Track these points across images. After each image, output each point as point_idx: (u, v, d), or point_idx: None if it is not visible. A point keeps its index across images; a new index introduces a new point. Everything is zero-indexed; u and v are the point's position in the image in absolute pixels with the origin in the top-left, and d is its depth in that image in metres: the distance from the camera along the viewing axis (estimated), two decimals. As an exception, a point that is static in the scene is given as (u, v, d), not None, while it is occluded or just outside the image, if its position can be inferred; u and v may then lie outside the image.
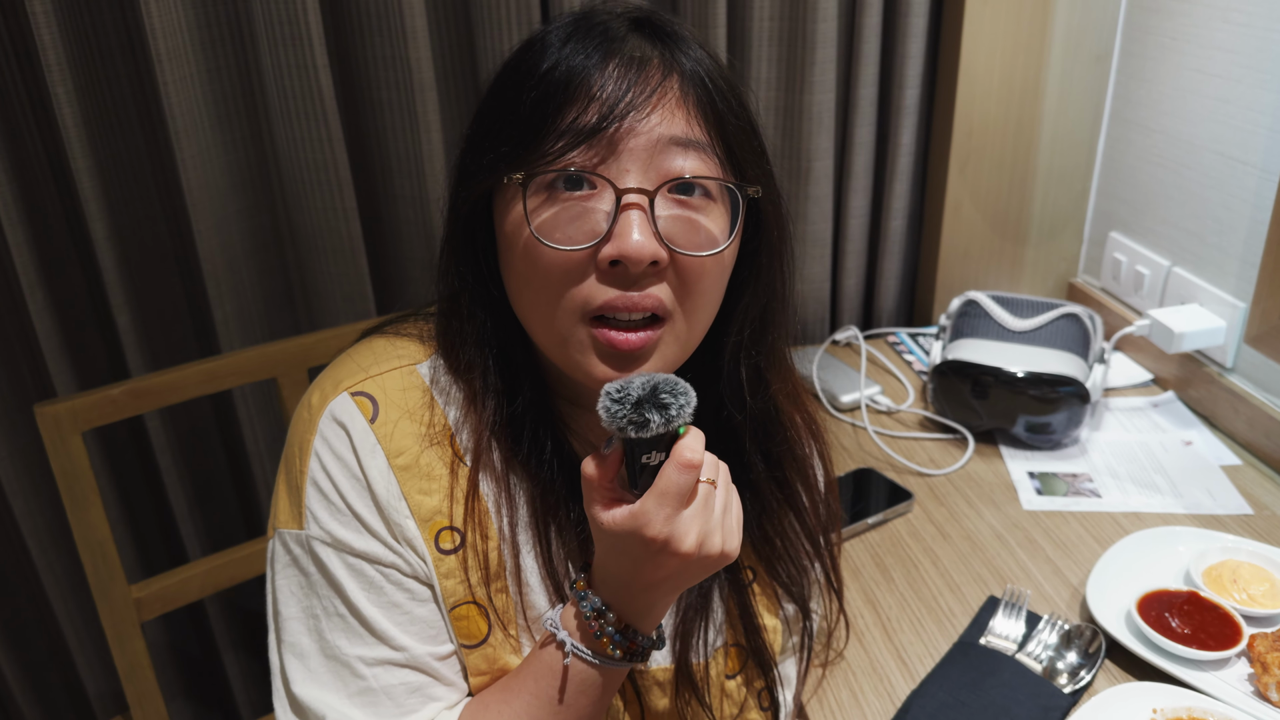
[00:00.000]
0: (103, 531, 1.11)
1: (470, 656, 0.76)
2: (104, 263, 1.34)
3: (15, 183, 1.28)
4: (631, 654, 0.71)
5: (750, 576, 0.89)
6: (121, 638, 1.14)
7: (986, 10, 1.41)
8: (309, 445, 0.75)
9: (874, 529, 1.15)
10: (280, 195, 1.42)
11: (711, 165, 0.71)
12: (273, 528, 0.78)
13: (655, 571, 0.67)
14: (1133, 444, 1.29)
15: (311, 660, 0.74)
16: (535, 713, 0.71)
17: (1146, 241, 1.45)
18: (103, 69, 1.28)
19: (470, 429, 0.77)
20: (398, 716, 0.73)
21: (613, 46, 0.71)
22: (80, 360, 1.41)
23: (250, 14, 1.29)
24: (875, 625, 1.01)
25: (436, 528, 0.75)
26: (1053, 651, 0.95)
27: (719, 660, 0.87)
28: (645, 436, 0.64)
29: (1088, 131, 1.52)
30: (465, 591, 0.76)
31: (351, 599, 0.73)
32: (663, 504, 0.65)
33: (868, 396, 1.39)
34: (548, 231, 0.69)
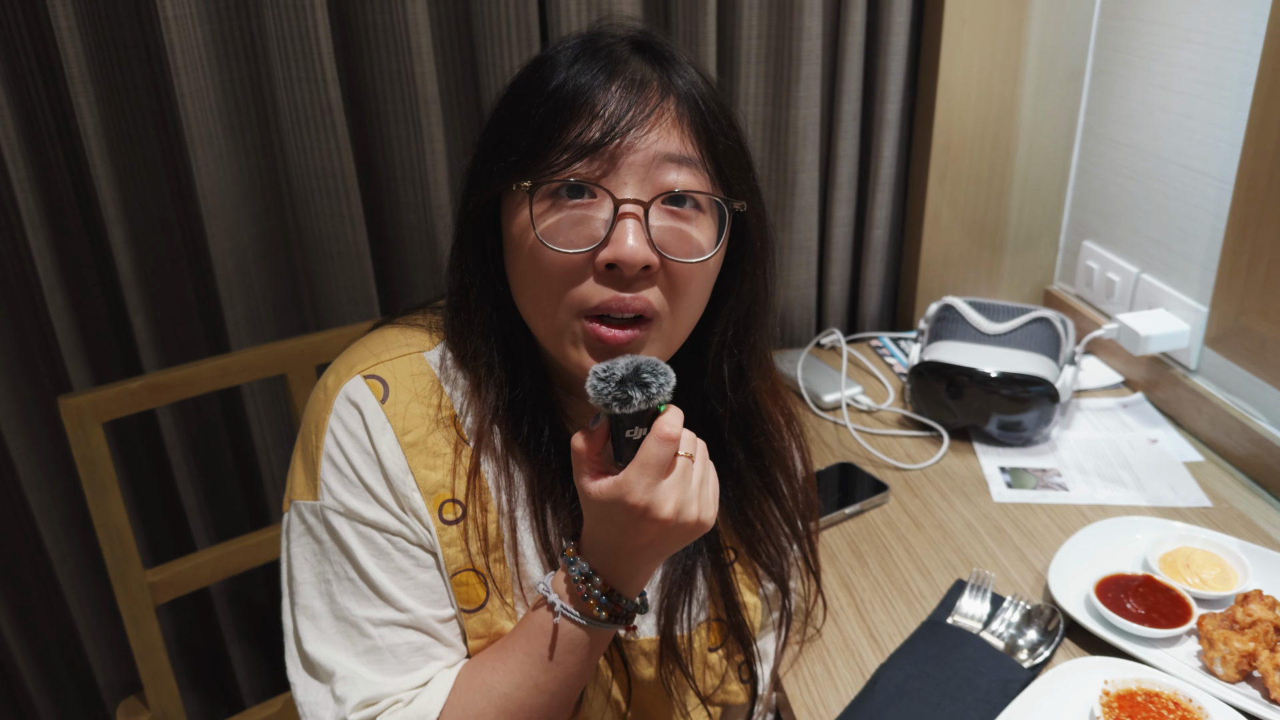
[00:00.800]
0: (120, 517, 1.16)
1: (469, 621, 0.82)
2: (121, 265, 1.40)
3: (38, 188, 1.34)
4: (616, 616, 0.77)
5: (732, 557, 0.95)
6: (136, 619, 1.20)
7: (964, 30, 1.48)
8: (325, 423, 0.81)
9: (851, 519, 1.21)
10: (290, 201, 1.48)
11: (702, 180, 0.78)
12: (289, 500, 0.83)
13: (638, 537, 0.73)
14: (1101, 441, 1.35)
15: (323, 621, 0.80)
16: (527, 669, 0.77)
17: (1117, 250, 1.52)
18: (122, 81, 1.35)
19: (474, 412, 0.83)
20: (401, 673, 0.79)
21: (616, 68, 0.77)
22: (96, 359, 1.48)
23: (263, 30, 1.36)
24: (849, 606, 1.07)
25: (440, 500, 0.81)
26: (1014, 629, 1.01)
27: (702, 634, 0.93)
28: (628, 412, 0.70)
29: (1062, 145, 1.59)
30: (465, 560, 0.82)
31: (361, 564, 0.79)
32: (643, 474, 0.71)
33: (849, 396, 1.45)
34: (551, 235, 0.76)
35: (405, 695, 0.78)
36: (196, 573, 1.24)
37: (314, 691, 0.79)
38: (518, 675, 0.77)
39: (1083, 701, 0.90)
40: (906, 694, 0.93)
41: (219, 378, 1.25)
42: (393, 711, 0.77)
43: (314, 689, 0.79)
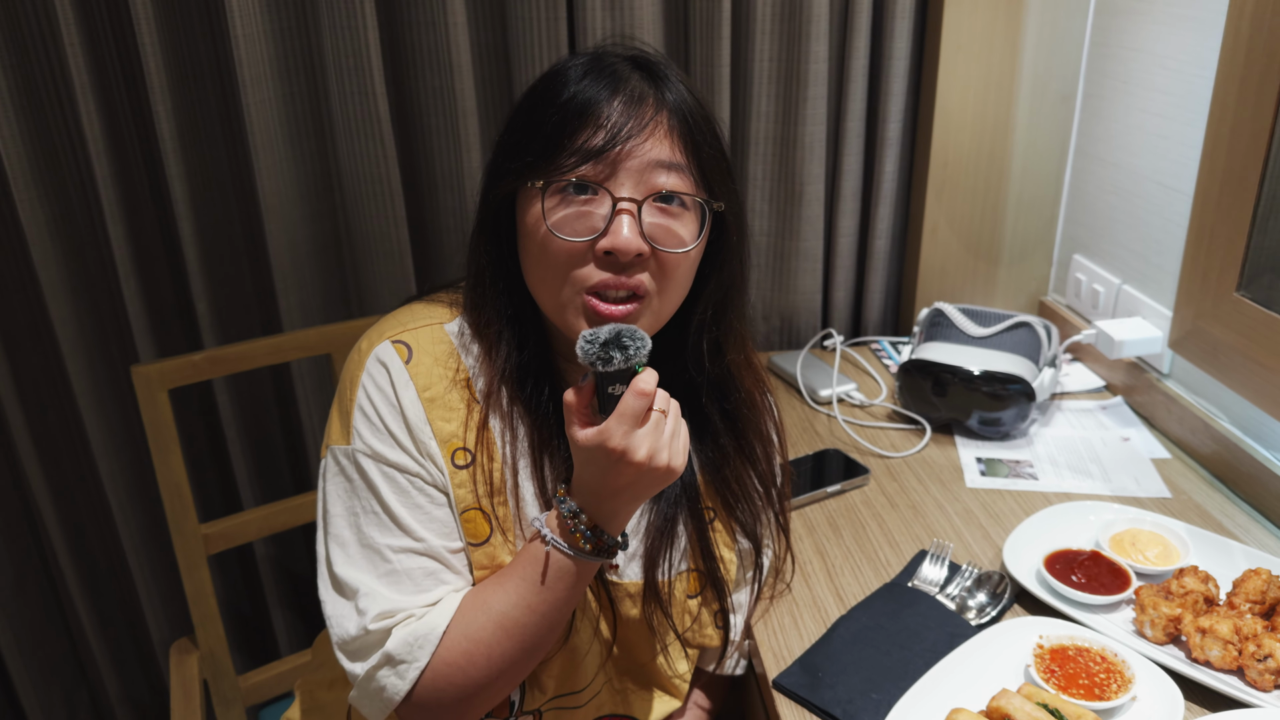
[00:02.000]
0: (180, 475, 1.32)
1: (475, 553, 0.95)
2: (188, 256, 1.56)
3: (118, 186, 1.51)
4: (599, 550, 0.89)
5: (711, 515, 1.07)
6: (191, 567, 1.35)
7: (960, 55, 1.59)
8: (358, 379, 0.96)
9: (832, 498, 1.32)
10: (341, 204, 1.63)
11: (688, 183, 0.92)
12: (326, 446, 0.97)
13: (617, 479, 0.85)
14: (1075, 439, 1.45)
15: (350, 548, 0.93)
16: (522, 591, 0.89)
17: (1103, 262, 1.61)
18: (196, 92, 1.51)
19: (484, 374, 0.97)
20: (415, 593, 0.91)
21: (618, 84, 0.91)
22: (163, 340, 1.64)
23: (321, 48, 1.51)
24: (820, 570, 1.18)
25: (453, 447, 0.95)
26: (965, 592, 1.11)
27: (683, 582, 1.05)
28: (609, 370, 0.83)
29: (1055, 164, 1.69)
30: (473, 499, 0.95)
31: (384, 499, 0.92)
32: (621, 423, 0.84)
33: (843, 392, 1.56)
34: (559, 226, 0.90)
35: (418, 611, 0.90)
36: (244, 528, 1.39)
37: (341, 606, 0.92)
38: (514, 596, 0.90)
39: (1018, 653, 1.01)
40: (860, 641, 1.04)
41: (271, 354, 1.40)
42: (406, 624, 0.89)
43: (341, 604, 0.92)
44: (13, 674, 1.72)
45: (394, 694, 0.89)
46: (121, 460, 1.67)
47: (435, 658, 0.88)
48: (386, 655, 0.88)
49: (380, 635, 0.89)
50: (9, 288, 1.56)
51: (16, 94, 1.43)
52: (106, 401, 1.64)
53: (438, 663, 0.88)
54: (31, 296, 1.56)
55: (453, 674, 0.89)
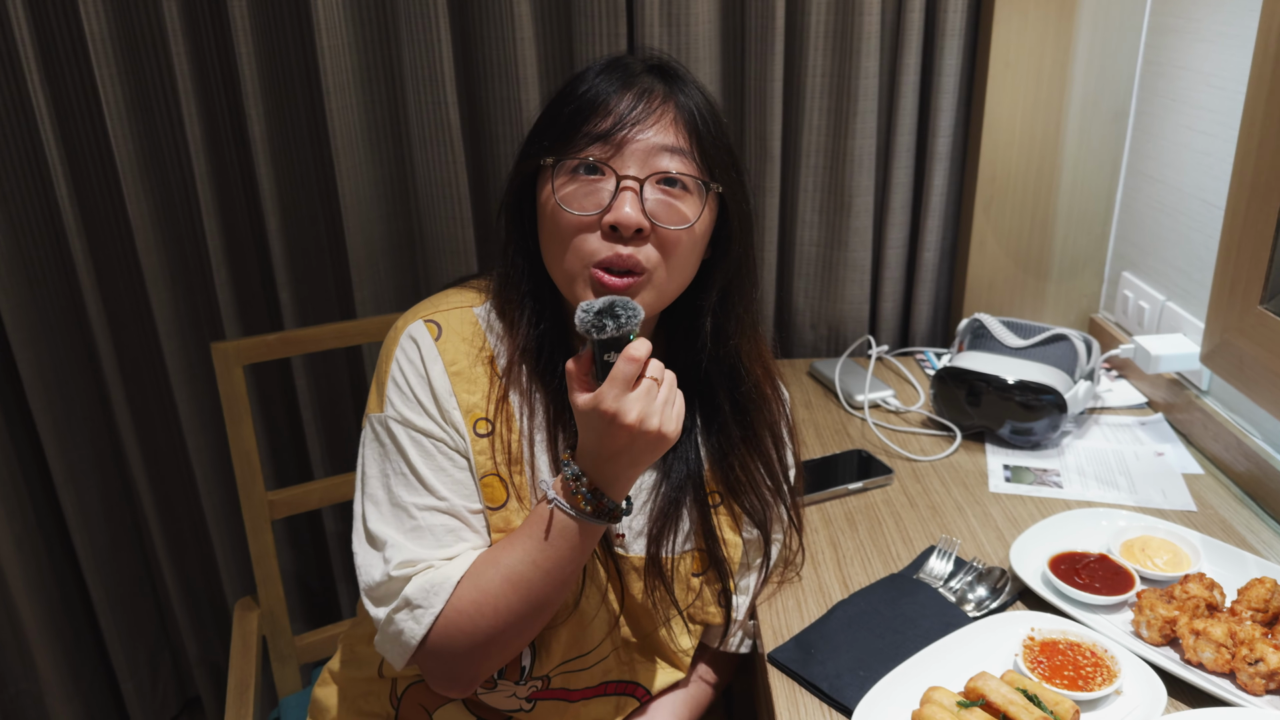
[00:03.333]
0: (250, 444, 1.44)
1: (492, 517, 1.03)
2: (274, 250, 1.70)
3: (214, 183, 1.66)
4: (600, 512, 0.96)
5: (716, 500, 1.13)
6: (256, 530, 1.47)
7: (1008, 73, 1.62)
8: (392, 353, 1.06)
9: (854, 495, 1.36)
10: (414, 206, 1.74)
11: (689, 166, 0.99)
12: (366, 415, 1.07)
13: (612, 442, 0.91)
14: (1108, 451, 1.45)
15: (382, 506, 1.02)
16: (528, 547, 0.97)
17: (1149, 279, 1.61)
18: (286, 98, 1.65)
19: (505, 353, 1.05)
20: (436, 548, 1.00)
21: (630, 80, 1.01)
22: (249, 327, 1.78)
23: (400, 60, 1.63)
24: (831, 560, 1.22)
25: (475, 417, 1.03)
26: (967, 586, 1.14)
27: (687, 560, 1.11)
28: (603, 338, 0.90)
29: (1106, 181, 1.69)
30: (492, 466, 1.03)
31: (412, 461, 1.01)
32: (613, 386, 0.90)
33: (879, 398, 1.60)
34: (567, 201, 0.98)
35: (437, 563, 0.99)
36: (307, 496, 1.50)
37: (370, 556, 1.01)
38: (520, 553, 0.97)
39: (1008, 642, 1.03)
40: (855, 624, 1.08)
41: (337, 338, 1.51)
42: (425, 574, 0.98)
43: (370, 554, 1.02)
44: (104, 630, 1.87)
45: (411, 638, 0.97)
46: (207, 435, 1.81)
47: (448, 605, 0.96)
48: (405, 599, 0.97)
49: (401, 581, 0.98)
50: (115, 273, 1.72)
51: (129, 98, 1.59)
52: (198, 380, 1.78)
53: (450, 610, 0.96)
54: (135, 282, 1.72)
55: (463, 621, 0.96)
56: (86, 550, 1.82)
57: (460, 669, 1.00)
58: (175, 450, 1.86)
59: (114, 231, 1.70)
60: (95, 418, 1.80)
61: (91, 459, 1.81)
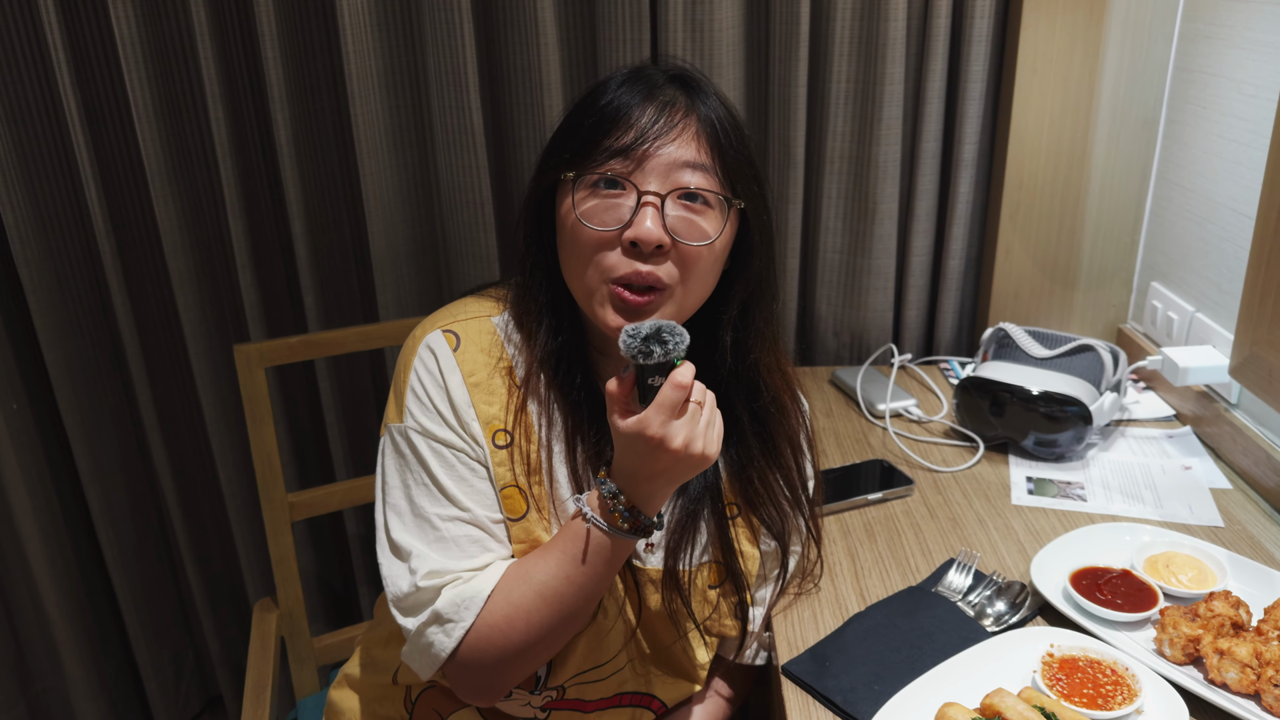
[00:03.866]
0: (271, 445, 1.45)
1: (513, 528, 1.03)
2: (299, 253, 1.71)
3: (240, 185, 1.67)
4: (636, 529, 0.95)
5: (734, 512, 1.12)
6: (276, 531, 1.47)
7: (1035, 80, 1.60)
8: (410, 364, 1.05)
9: (873, 505, 1.35)
10: (438, 210, 1.75)
11: (711, 181, 0.99)
12: (385, 425, 1.07)
13: (654, 464, 0.92)
14: (1134, 464, 1.43)
15: (405, 516, 1.02)
16: (563, 564, 0.96)
17: (1179, 290, 1.59)
18: (311, 102, 1.66)
19: (524, 363, 1.05)
20: (461, 559, 1.00)
21: (653, 92, 1.00)
22: (274, 329, 1.79)
23: (424, 64, 1.64)
24: (848, 571, 1.21)
25: (494, 428, 1.03)
26: (985, 600, 1.13)
27: (704, 573, 1.10)
28: (649, 364, 0.90)
29: (1135, 190, 1.67)
30: (511, 478, 1.03)
31: (433, 472, 1.01)
32: (659, 412, 0.90)
33: (901, 407, 1.58)
34: (588, 216, 0.97)
35: (465, 575, 0.99)
36: (328, 498, 1.51)
37: (395, 567, 1.01)
38: (554, 568, 0.97)
39: (1026, 659, 1.02)
40: (871, 637, 1.07)
41: (360, 341, 1.52)
42: (454, 585, 0.98)
43: (396, 565, 1.01)
44: (129, 629, 1.89)
45: (441, 650, 0.97)
46: (232, 436, 1.83)
47: (479, 619, 0.96)
48: (435, 613, 0.97)
49: (430, 593, 0.97)
50: (143, 275, 1.74)
51: (157, 102, 1.61)
52: (222, 382, 1.80)
53: (481, 624, 0.96)
54: (162, 283, 1.74)
55: (494, 635, 0.96)
56: (113, 549, 1.84)
57: (488, 681, 1.00)
58: (200, 450, 1.88)
59: (142, 234, 1.72)
60: (122, 418, 1.82)
61: (118, 458, 1.83)
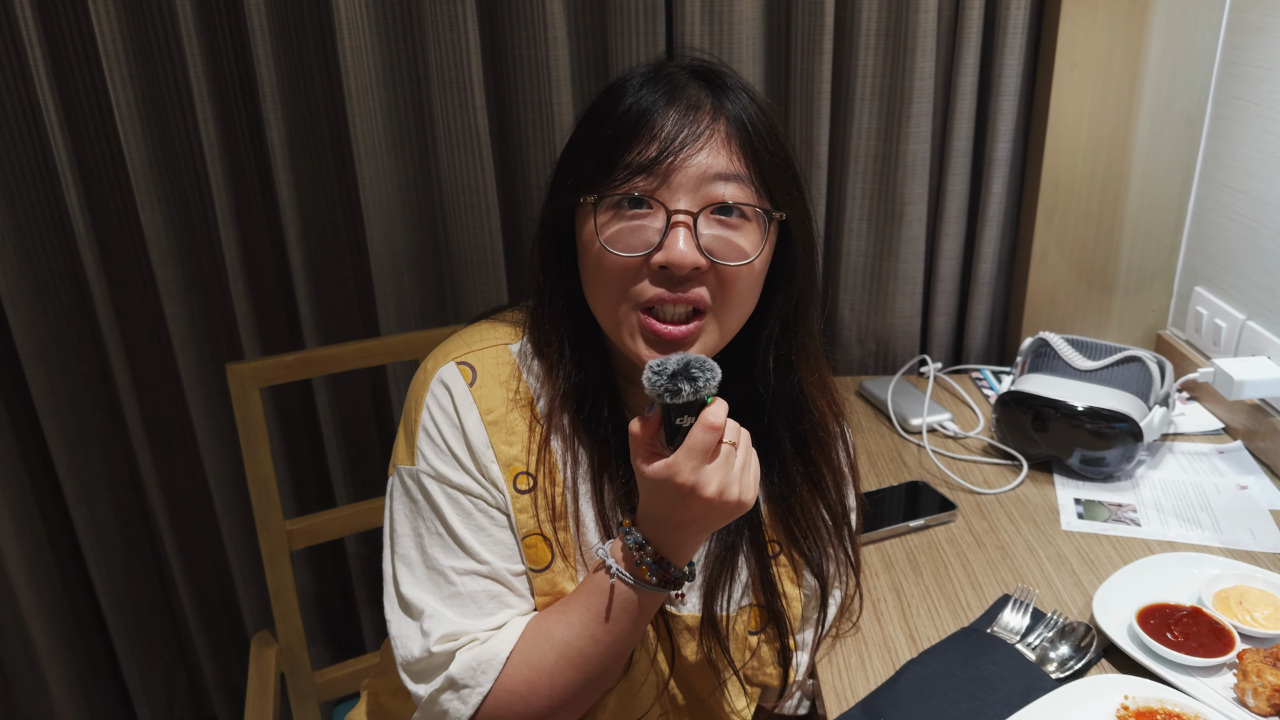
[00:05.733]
0: (267, 470, 1.36)
1: (536, 580, 0.95)
2: (294, 261, 1.61)
3: (231, 189, 1.57)
4: (665, 582, 0.87)
5: (776, 549, 1.04)
6: (274, 561, 1.39)
7: (1074, 74, 1.51)
8: (422, 400, 0.96)
9: (915, 533, 1.27)
10: (440, 214, 1.66)
11: (747, 193, 0.89)
12: (393, 465, 0.98)
13: (684, 513, 0.84)
14: (1186, 484, 1.35)
15: (416, 569, 0.93)
16: (586, 622, 0.88)
17: (1226, 296, 1.51)
18: (306, 101, 1.56)
19: (546, 398, 0.96)
20: (479, 617, 0.91)
21: (674, 93, 0.89)
22: (268, 340, 1.70)
23: (426, 61, 1.55)
24: (894, 608, 1.13)
25: (515, 471, 0.94)
26: (1048, 643, 1.04)
27: (744, 617, 1.02)
28: (678, 403, 0.81)
29: (1177, 190, 1.59)
30: (535, 525, 0.94)
31: (448, 520, 0.92)
32: (690, 457, 0.81)
33: (936, 422, 1.50)
34: (613, 241, 0.88)
35: (482, 635, 0.90)
36: (328, 526, 1.42)
37: (406, 627, 0.93)
38: (578, 627, 0.88)
39: (1099, 712, 0.94)
40: (928, 688, 0.99)
41: (361, 358, 1.43)
42: (470, 648, 0.89)
43: (406, 624, 0.93)
44: (118, 653, 1.81)
45: (457, 718, 0.89)
46: (225, 454, 1.73)
47: (498, 684, 0.88)
48: (450, 679, 0.88)
49: (444, 658, 0.89)
50: (129, 284, 1.64)
51: (141, 102, 1.51)
52: (214, 396, 1.71)
53: (500, 690, 0.88)
54: (149, 294, 1.64)
55: (514, 702, 0.88)
56: (100, 570, 1.75)
57: None
58: (192, 467, 1.78)
59: (126, 241, 1.62)
60: (108, 434, 1.73)
61: (104, 477, 1.74)
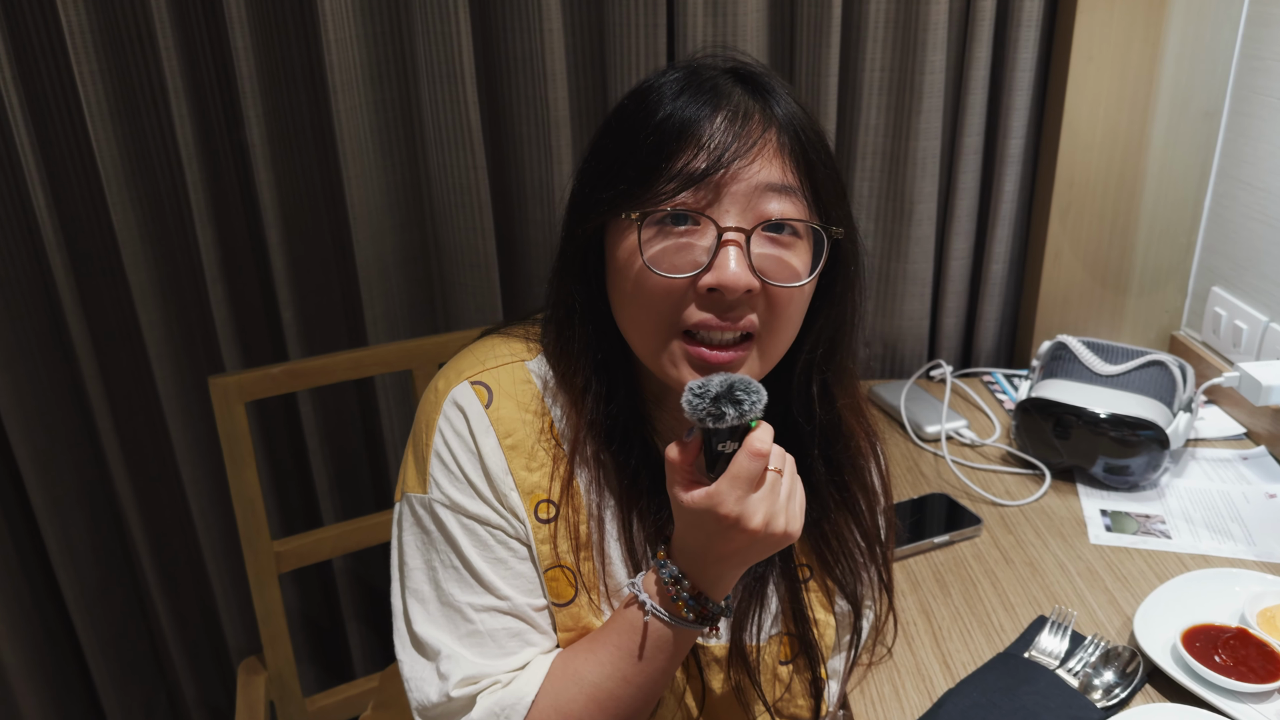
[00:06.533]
0: (254, 489, 1.28)
1: (559, 614, 0.88)
2: (275, 264, 1.54)
3: (209, 190, 1.49)
4: (702, 618, 0.81)
5: (807, 574, 0.98)
6: (262, 585, 1.31)
7: (1091, 67, 1.46)
8: (434, 423, 0.89)
9: (940, 549, 1.21)
10: (430, 214, 1.58)
11: (801, 208, 0.82)
12: (401, 492, 0.91)
13: (726, 545, 0.77)
14: (1213, 492, 1.31)
15: (430, 605, 0.86)
16: (617, 662, 0.82)
17: (1247, 296, 1.47)
18: (288, 97, 1.48)
19: (570, 424, 0.89)
20: (500, 656, 0.84)
21: (720, 100, 0.82)
22: (249, 348, 1.62)
23: (414, 54, 1.47)
24: (925, 632, 1.08)
25: (536, 500, 0.87)
26: (1091, 669, 0.99)
27: (774, 647, 0.96)
28: (721, 427, 0.75)
29: (1194, 186, 1.54)
30: (555, 557, 0.87)
31: (465, 553, 0.85)
32: (735, 486, 0.75)
33: (953, 429, 1.45)
34: (657, 261, 0.80)
35: (504, 677, 0.83)
36: (318, 546, 1.35)
37: (420, 668, 0.86)
38: (608, 667, 0.82)
39: (1154, 746, 0.89)
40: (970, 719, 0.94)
41: (351, 369, 1.36)
42: (492, 691, 0.82)
43: (420, 666, 0.86)
44: (93, 673, 1.72)
45: None
46: (205, 466, 1.65)
47: None
48: None
49: (464, 703, 0.82)
50: (100, 289, 1.55)
51: (112, 97, 1.42)
52: (192, 406, 1.62)
53: None
54: (122, 299, 1.56)
55: None
56: (74, 589, 1.66)
57: None
58: (169, 480, 1.70)
59: (98, 245, 1.53)
60: (80, 447, 1.64)
61: (77, 492, 1.65)
